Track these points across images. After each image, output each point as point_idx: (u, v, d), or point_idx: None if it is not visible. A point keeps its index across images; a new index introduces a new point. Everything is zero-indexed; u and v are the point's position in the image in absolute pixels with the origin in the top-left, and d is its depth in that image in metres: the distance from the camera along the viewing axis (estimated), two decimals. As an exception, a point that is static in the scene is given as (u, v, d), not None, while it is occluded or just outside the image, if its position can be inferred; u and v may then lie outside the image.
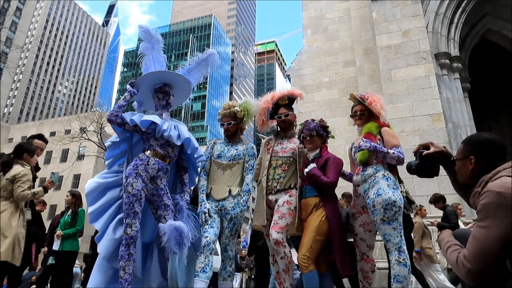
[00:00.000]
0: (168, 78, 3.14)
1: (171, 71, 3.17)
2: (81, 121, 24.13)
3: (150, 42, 3.20)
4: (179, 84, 3.20)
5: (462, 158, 1.65)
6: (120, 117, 2.91)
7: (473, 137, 1.72)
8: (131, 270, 2.64)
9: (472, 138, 1.70)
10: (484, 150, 1.59)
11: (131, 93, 3.03)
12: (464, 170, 1.65)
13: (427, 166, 1.89)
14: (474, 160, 1.60)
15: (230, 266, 3.02)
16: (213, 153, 3.22)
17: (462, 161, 1.65)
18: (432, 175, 1.91)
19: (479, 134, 1.72)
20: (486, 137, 1.64)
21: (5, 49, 52.96)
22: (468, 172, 1.62)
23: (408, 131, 8.73)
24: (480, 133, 1.73)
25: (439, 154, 1.89)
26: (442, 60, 9.52)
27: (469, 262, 1.35)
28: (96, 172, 33.02)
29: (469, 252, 1.38)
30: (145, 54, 3.22)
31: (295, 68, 12.74)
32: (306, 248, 2.69)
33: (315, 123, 3.06)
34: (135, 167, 2.82)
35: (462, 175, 1.68)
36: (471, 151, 1.62)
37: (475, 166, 1.59)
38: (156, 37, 3.21)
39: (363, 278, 2.92)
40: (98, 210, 2.81)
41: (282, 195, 3.00)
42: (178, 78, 3.16)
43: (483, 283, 1.35)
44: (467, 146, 1.66)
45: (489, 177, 1.46)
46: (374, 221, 2.76)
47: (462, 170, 1.67)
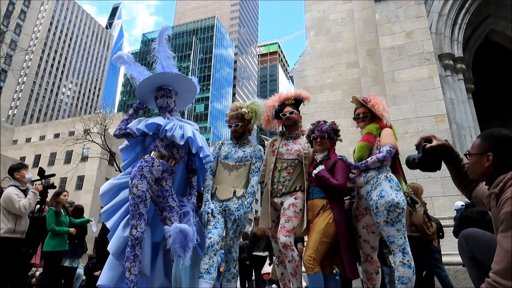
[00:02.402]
0: (161, 80, 3.16)
1: (157, 73, 3.17)
2: (85, 123, 24.24)
3: (128, 64, 3.27)
4: (174, 81, 3.20)
5: (478, 153, 1.54)
6: (124, 129, 3.02)
7: (493, 132, 1.59)
8: (137, 271, 2.66)
9: (492, 134, 1.57)
10: (504, 148, 1.48)
11: (135, 109, 3.21)
12: (479, 166, 1.54)
13: (430, 159, 1.79)
14: (492, 157, 1.49)
15: (234, 268, 3.02)
16: (220, 153, 3.22)
17: (478, 156, 1.54)
18: (435, 169, 1.82)
19: (500, 130, 1.59)
20: (507, 134, 1.53)
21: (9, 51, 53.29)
22: (483, 168, 1.52)
23: (412, 132, 8.71)
24: (500, 129, 1.60)
25: (442, 147, 1.78)
26: (446, 61, 9.50)
27: (505, 278, 1.18)
28: (99, 173, 33.17)
29: (502, 266, 1.21)
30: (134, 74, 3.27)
31: (298, 70, 12.75)
32: (312, 249, 2.69)
33: (327, 126, 3.04)
34: (140, 169, 2.84)
35: (475, 171, 1.57)
36: (490, 147, 1.51)
37: (492, 163, 1.49)
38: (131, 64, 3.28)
39: (367, 279, 2.92)
40: (110, 209, 2.90)
41: (287, 197, 2.99)
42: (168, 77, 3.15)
43: None
44: (486, 141, 1.55)
45: (509, 179, 1.36)
46: (378, 222, 2.76)
47: (476, 165, 1.56)
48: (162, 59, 3.23)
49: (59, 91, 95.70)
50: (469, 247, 1.51)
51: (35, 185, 4.84)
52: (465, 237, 1.58)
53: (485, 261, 1.31)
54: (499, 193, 1.35)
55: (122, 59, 3.27)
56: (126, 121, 3.10)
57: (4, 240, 4.54)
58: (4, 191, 4.73)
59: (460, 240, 1.59)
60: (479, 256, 1.41)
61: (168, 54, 3.27)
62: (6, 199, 4.57)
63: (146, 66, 3.41)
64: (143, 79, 3.11)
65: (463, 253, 1.61)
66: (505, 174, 1.39)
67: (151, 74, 3.16)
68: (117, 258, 2.78)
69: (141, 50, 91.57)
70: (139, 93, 3.20)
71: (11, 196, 4.56)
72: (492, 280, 1.22)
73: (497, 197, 1.36)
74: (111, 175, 31.11)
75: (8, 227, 4.53)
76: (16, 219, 4.59)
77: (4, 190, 5.65)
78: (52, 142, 39.96)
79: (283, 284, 3.11)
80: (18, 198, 4.57)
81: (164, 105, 3.14)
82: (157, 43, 3.25)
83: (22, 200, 4.57)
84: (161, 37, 3.26)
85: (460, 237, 1.60)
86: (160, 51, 3.24)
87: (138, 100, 3.31)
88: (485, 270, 1.48)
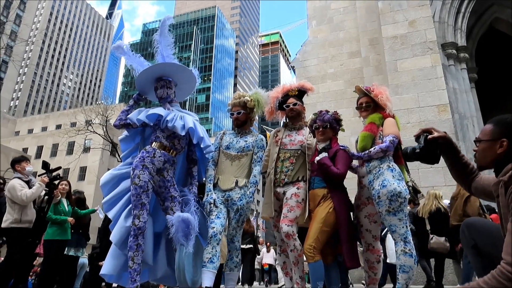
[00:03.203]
0: (161, 71, 3.15)
1: (156, 64, 3.17)
2: (87, 114, 24.22)
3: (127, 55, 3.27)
4: (174, 72, 3.20)
5: (491, 139, 1.50)
6: (124, 120, 3.04)
7: (506, 118, 1.55)
8: (139, 260, 2.69)
9: (506, 120, 1.53)
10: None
11: (135, 100, 3.24)
12: (490, 152, 1.50)
13: (432, 150, 1.76)
14: (507, 143, 1.45)
15: (237, 257, 3.05)
16: (222, 143, 3.22)
17: (490, 142, 1.50)
18: (434, 161, 1.79)
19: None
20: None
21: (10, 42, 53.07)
22: (495, 155, 1.48)
23: (414, 122, 8.69)
24: None
25: (442, 139, 1.76)
26: (449, 50, 9.42)
27: None
28: (102, 164, 33.28)
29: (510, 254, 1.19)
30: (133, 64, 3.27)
31: (299, 60, 12.68)
32: (312, 238, 2.71)
33: (329, 115, 3.04)
34: (141, 159, 2.85)
35: (485, 157, 1.52)
36: (504, 133, 1.47)
37: (505, 150, 1.45)
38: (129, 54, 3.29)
39: (369, 268, 2.94)
40: (111, 200, 2.93)
41: (290, 187, 3.00)
42: (168, 67, 3.16)
43: None
44: (499, 127, 1.51)
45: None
46: (380, 212, 2.77)
47: (487, 152, 1.51)
48: (162, 49, 3.22)
49: (60, 82, 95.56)
50: (471, 236, 1.51)
51: (41, 177, 4.89)
52: (467, 226, 1.57)
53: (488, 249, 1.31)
54: (508, 181, 1.33)
55: (121, 49, 3.26)
56: (127, 111, 3.11)
57: (11, 230, 4.59)
58: (9, 182, 4.80)
59: (463, 229, 1.58)
60: (481, 245, 1.41)
61: (169, 44, 3.25)
62: (10, 188, 4.66)
63: (147, 56, 3.41)
64: (143, 70, 3.10)
65: (465, 242, 1.61)
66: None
67: (151, 65, 3.15)
68: (119, 247, 2.81)
69: (141, 40, 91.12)
70: (138, 84, 3.19)
71: (14, 185, 4.64)
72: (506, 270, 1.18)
73: (506, 185, 1.34)
74: (113, 165, 31.16)
75: (14, 217, 4.58)
76: (21, 209, 4.64)
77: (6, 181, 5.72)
78: (54, 133, 40.04)
79: (285, 273, 3.15)
80: (20, 188, 4.62)
81: (164, 95, 3.14)
82: (159, 33, 3.24)
83: (24, 190, 4.62)
84: (163, 27, 3.25)
85: (462, 226, 1.60)
86: (161, 42, 3.22)
87: (138, 91, 3.30)
88: (487, 259, 1.48)
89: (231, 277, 3.04)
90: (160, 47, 3.22)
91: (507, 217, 1.29)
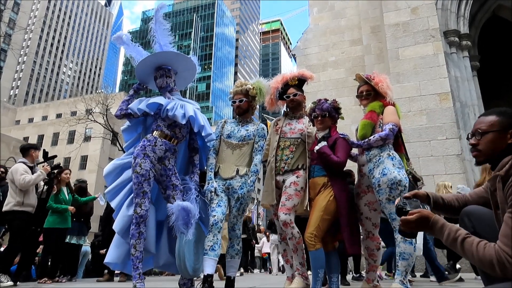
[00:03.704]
0: (159, 60, 3.14)
1: (155, 53, 3.15)
2: (87, 102, 24.18)
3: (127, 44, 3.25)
4: (173, 61, 3.19)
5: (499, 130, 1.47)
6: (125, 110, 3.04)
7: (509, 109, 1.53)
8: (141, 248, 2.72)
9: (509, 110, 1.52)
10: None
11: (135, 89, 3.23)
12: (500, 143, 1.47)
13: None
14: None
15: (238, 245, 3.08)
16: (223, 132, 3.22)
17: (498, 133, 1.47)
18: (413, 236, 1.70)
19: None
20: None
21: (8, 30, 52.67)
22: (502, 147, 1.45)
23: (415, 111, 8.67)
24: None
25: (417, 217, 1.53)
26: (451, 38, 9.33)
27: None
28: (103, 153, 33.36)
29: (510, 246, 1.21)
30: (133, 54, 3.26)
31: (300, 48, 12.58)
32: (313, 226, 2.73)
33: (328, 104, 3.04)
34: (143, 148, 2.86)
35: (494, 149, 1.48)
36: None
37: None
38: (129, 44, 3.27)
39: (369, 255, 2.97)
40: (114, 189, 2.96)
41: (289, 175, 3.02)
42: (166, 56, 3.15)
43: None
44: (507, 117, 1.49)
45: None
46: (380, 200, 2.79)
47: (496, 143, 1.48)
48: (159, 38, 3.20)
49: (60, 70, 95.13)
50: (471, 224, 1.52)
51: (44, 166, 4.94)
52: (467, 214, 1.58)
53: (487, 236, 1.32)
54: (505, 175, 1.33)
55: (121, 39, 3.25)
56: (127, 101, 3.11)
57: (14, 213, 4.64)
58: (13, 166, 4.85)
59: (462, 217, 1.59)
60: (481, 232, 1.42)
61: (166, 32, 3.23)
62: (13, 170, 4.75)
63: (147, 44, 3.39)
64: (142, 59, 3.09)
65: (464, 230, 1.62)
66: (510, 156, 1.37)
67: (149, 54, 3.14)
68: (122, 236, 2.85)
69: (141, 28, 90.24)
70: (138, 74, 3.19)
71: (18, 168, 4.72)
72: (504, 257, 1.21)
73: (503, 179, 1.34)
74: (114, 154, 31.32)
75: (16, 200, 4.64)
76: (23, 192, 4.69)
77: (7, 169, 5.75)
78: (55, 122, 40.03)
79: (285, 260, 3.19)
80: (22, 172, 4.67)
81: (164, 85, 3.14)
82: (154, 21, 3.21)
83: (25, 175, 4.66)
84: (158, 15, 3.22)
85: (462, 214, 1.60)
86: (157, 30, 3.20)
87: (138, 81, 3.29)
88: None
89: (232, 264, 3.08)
90: (156, 35, 3.20)
91: (505, 210, 1.30)
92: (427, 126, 8.52)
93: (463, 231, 1.36)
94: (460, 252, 1.34)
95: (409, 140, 8.35)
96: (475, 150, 1.55)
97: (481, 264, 1.28)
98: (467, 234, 1.34)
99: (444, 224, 1.40)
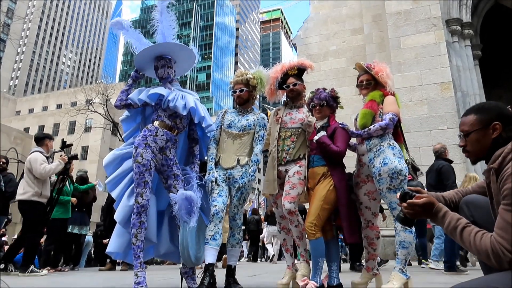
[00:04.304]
0: (160, 50, 3.11)
1: (159, 43, 3.12)
2: (87, 93, 24.09)
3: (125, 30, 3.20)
4: (176, 52, 3.17)
5: (482, 127, 1.47)
6: (125, 100, 3.02)
7: (483, 105, 1.55)
8: (143, 237, 2.74)
9: (489, 104, 1.52)
10: (506, 117, 1.44)
11: (134, 78, 3.18)
12: (485, 140, 1.47)
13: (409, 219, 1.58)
14: (500, 125, 1.43)
15: (238, 234, 3.11)
16: (223, 122, 3.22)
17: (481, 131, 1.47)
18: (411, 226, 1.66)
19: (489, 102, 1.56)
20: (501, 105, 1.47)
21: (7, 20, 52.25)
22: (489, 141, 1.45)
23: (416, 100, 8.64)
24: (487, 102, 1.57)
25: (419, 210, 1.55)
26: (453, 27, 9.26)
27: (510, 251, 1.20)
28: (103, 144, 33.42)
29: (506, 239, 1.21)
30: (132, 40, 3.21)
31: (301, 37, 12.49)
32: (313, 216, 2.74)
33: (326, 93, 3.03)
34: (144, 138, 2.86)
35: (481, 148, 1.49)
36: (492, 117, 1.46)
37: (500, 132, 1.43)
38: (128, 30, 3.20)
39: (368, 244, 2.99)
40: (114, 180, 2.96)
41: (292, 165, 3.03)
42: (170, 47, 3.13)
43: None
44: (484, 113, 1.49)
45: (507, 153, 1.32)
46: (380, 189, 2.79)
47: (481, 141, 1.48)
48: (164, 29, 3.17)
49: (60, 61, 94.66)
50: (470, 212, 1.52)
51: (61, 156, 4.93)
52: (466, 203, 1.58)
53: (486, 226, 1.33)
54: (499, 168, 1.33)
55: (120, 24, 3.21)
56: (126, 91, 3.09)
57: (32, 204, 4.64)
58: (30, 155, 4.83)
59: (461, 205, 1.60)
60: (480, 221, 1.43)
61: (171, 25, 3.20)
62: (32, 159, 4.71)
63: (146, 34, 3.35)
64: (145, 48, 3.06)
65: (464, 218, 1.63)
66: (502, 148, 1.36)
67: (153, 44, 3.11)
68: (123, 226, 2.87)
69: (140, 18, 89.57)
70: (137, 62, 3.15)
71: (36, 158, 4.70)
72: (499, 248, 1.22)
73: (496, 172, 1.34)
74: (115, 145, 31.34)
75: (35, 190, 4.62)
76: (41, 183, 4.68)
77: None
78: (55, 113, 40.01)
79: (285, 249, 3.21)
80: (41, 161, 4.66)
81: (165, 75, 3.12)
82: (159, 12, 3.17)
83: (45, 164, 4.65)
84: (163, 7, 3.19)
85: (461, 203, 1.61)
86: (162, 21, 3.17)
87: (136, 68, 3.24)
88: None
89: (233, 253, 3.11)
90: (161, 26, 3.17)
91: (499, 202, 1.31)
92: (428, 115, 8.51)
93: (464, 220, 1.36)
94: (458, 240, 1.36)
95: (410, 130, 8.34)
96: (465, 151, 1.56)
97: (478, 254, 1.29)
98: (468, 223, 1.35)
99: (446, 212, 1.42)
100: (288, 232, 3.14)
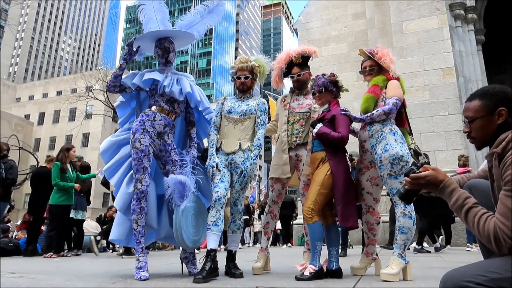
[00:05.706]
0: (168, 34, 3.08)
1: (171, 30, 3.08)
2: (87, 79, 23.95)
3: None
4: (180, 38, 3.17)
5: (487, 113, 1.44)
6: (119, 85, 2.97)
7: (488, 90, 1.50)
8: (143, 223, 2.75)
9: (494, 89, 1.48)
10: (511, 101, 1.41)
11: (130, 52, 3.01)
12: (490, 126, 1.44)
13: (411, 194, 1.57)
14: (506, 111, 1.40)
15: (240, 220, 3.12)
16: (223, 108, 3.21)
17: (486, 117, 1.44)
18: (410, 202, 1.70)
19: (494, 86, 1.51)
20: (505, 88, 1.44)
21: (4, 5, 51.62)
22: (494, 129, 1.42)
23: (418, 86, 8.58)
24: (492, 85, 1.53)
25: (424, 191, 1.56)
26: (457, 11, 9.11)
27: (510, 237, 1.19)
28: (104, 130, 33.41)
29: (507, 226, 1.21)
30: (144, 4, 3.16)
31: (302, 22, 12.33)
32: (310, 200, 2.75)
33: (324, 79, 3.00)
34: (141, 123, 2.84)
35: (486, 134, 1.46)
36: (498, 103, 1.42)
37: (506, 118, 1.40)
38: None
39: (368, 230, 3.01)
40: (112, 167, 2.95)
41: (302, 150, 3.15)
42: (179, 33, 3.11)
43: None
44: (489, 98, 1.45)
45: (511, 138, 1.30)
46: (381, 175, 2.79)
47: (486, 127, 1.45)
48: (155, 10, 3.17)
49: (59, 47, 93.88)
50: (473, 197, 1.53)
51: None
52: (469, 186, 1.58)
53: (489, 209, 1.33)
54: (502, 153, 1.32)
55: None
56: (119, 76, 2.98)
57: None
58: None
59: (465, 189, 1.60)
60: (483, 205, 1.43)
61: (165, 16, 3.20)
62: None
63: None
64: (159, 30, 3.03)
65: None
66: (506, 133, 1.35)
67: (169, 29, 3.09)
68: (124, 213, 2.87)
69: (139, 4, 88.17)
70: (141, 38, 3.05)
71: None
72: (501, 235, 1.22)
73: (499, 156, 1.33)
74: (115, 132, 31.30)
75: None
76: None
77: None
78: (55, 100, 39.90)
79: (265, 232, 3.35)
80: None
81: (172, 60, 3.13)
82: None
83: None
84: None
85: (465, 187, 1.60)
86: None
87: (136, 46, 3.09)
88: None
89: (233, 239, 3.12)
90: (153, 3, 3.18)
91: (501, 187, 1.30)
92: (430, 101, 8.45)
93: (472, 200, 1.35)
94: (463, 219, 1.35)
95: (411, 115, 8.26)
96: (470, 137, 1.53)
97: (480, 236, 1.29)
98: (475, 203, 1.34)
99: (455, 188, 1.40)
100: (274, 218, 3.32)
